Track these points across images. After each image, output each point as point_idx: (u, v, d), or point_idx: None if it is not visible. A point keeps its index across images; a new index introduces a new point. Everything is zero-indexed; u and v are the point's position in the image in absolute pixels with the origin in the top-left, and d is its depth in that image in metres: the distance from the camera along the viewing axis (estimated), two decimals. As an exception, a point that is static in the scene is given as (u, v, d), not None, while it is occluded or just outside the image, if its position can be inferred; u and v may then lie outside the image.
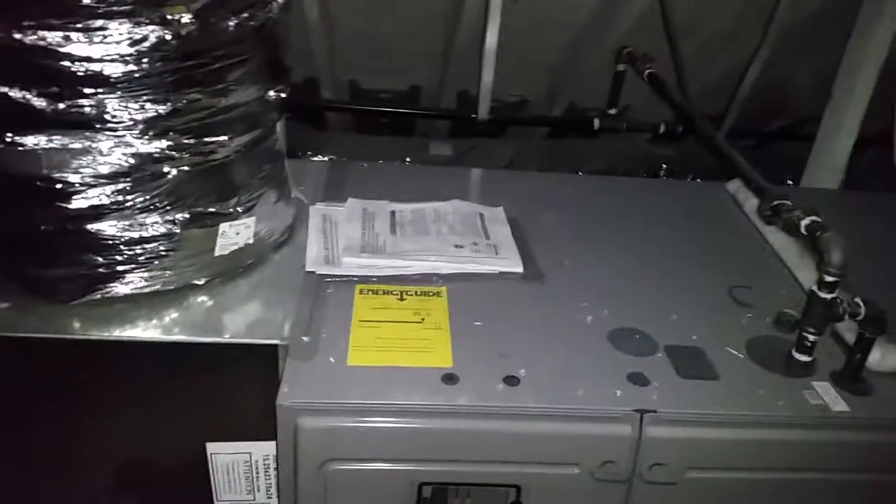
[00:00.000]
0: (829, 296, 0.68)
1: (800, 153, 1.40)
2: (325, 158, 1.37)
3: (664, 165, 1.55)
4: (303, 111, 1.58)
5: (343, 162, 1.09)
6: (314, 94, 1.61)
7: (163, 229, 0.75)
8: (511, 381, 0.70)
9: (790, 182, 1.43)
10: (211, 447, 0.77)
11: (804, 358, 0.71)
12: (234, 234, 0.79)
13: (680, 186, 1.20)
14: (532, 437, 0.67)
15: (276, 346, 0.72)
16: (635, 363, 0.74)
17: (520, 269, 0.87)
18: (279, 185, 0.88)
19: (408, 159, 1.49)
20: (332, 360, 0.71)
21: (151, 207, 0.74)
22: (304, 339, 0.73)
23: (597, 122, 1.37)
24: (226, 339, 0.73)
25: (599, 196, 1.10)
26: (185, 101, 0.73)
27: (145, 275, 0.76)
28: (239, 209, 0.79)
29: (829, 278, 0.67)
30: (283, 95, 0.85)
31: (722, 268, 0.93)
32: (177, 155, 0.74)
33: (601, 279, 0.88)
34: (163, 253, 0.76)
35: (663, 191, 1.15)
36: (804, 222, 0.72)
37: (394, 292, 0.82)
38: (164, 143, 0.73)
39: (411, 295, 0.82)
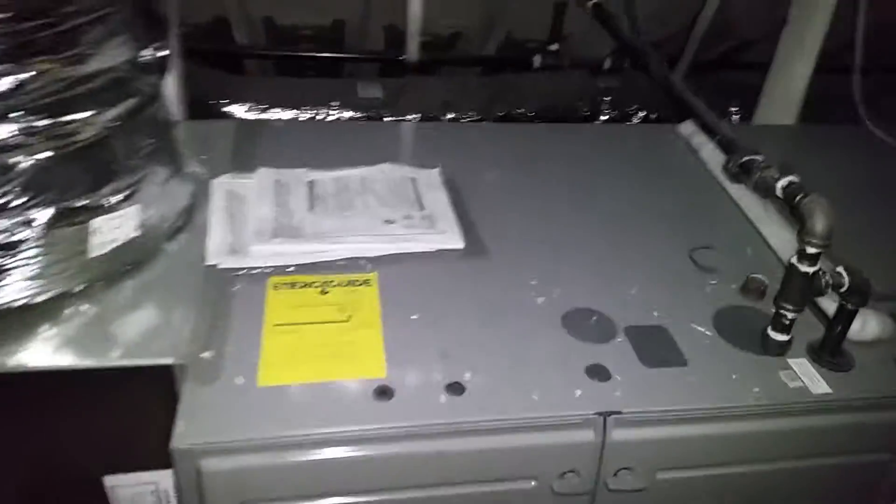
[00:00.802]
0: (810, 269, 0.59)
1: (745, 80, 1.31)
2: (243, 107, 1.22)
3: (607, 99, 1.44)
4: (215, 55, 1.40)
5: (253, 122, 0.95)
6: (225, 36, 1.44)
7: (22, 233, 0.62)
8: (455, 389, 0.60)
9: (734, 112, 1.34)
10: (109, 481, 0.66)
11: (781, 337, 0.63)
12: (111, 230, 0.65)
13: (629, 131, 1.10)
14: (481, 454, 0.58)
15: (169, 367, 0.61)
16: (594, 352, 0.65)
17: (460, 245, 0.76)
18: (169, 160, 0.74)
19: (334, 103, 1.34)
20: (239, 380, 0.59)
21: (4, 207, 0.61)
22: (205, 355, 0.61)
23: (537, 60, 1.25)
24: (107, 362, 0.60)
25: (543, 146, 0.99)
26: (31, 74, 0.58)
27: (7, 288, 0.62)
28: (115, 198, 0.66)
29: (811, 249, 0.58)
30: (162, 54, 0.70)
31: (680, 225, 0.84)
32: (29, 141, 0.60)
33: (550, 248, 0.78)
34: (26, 260, 0.62)
35: (611, 137, 1.05)
36: (780, 184, 0.63)
37: (314, 284, 0.70)
38: (11, 128, 0.59)
39: (335, 286, 0.70)
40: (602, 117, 1.31)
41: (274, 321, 0.65)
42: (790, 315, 0.62)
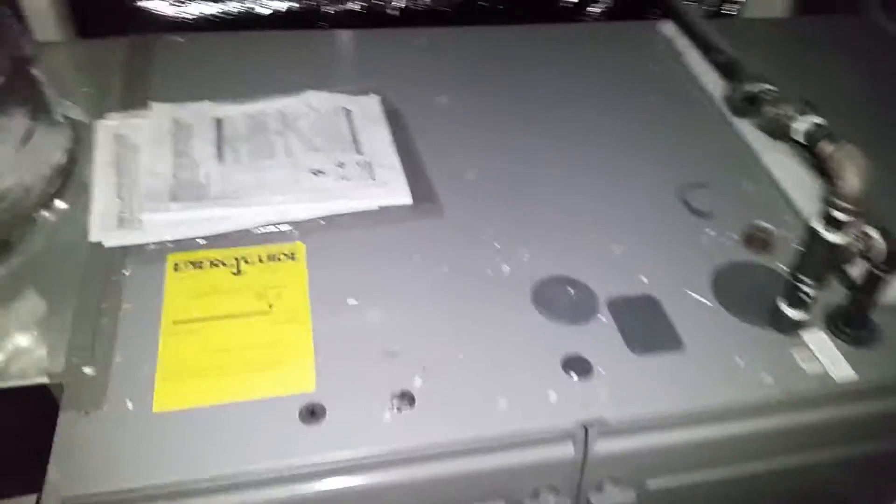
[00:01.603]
0: (838, 239, 0.47)
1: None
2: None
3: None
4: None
5: (147, 39, 0.77)
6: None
7: None
8: (403, 400, 0.48)
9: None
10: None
11: (797, 315, 0.52)
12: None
13: (602, 31, 0.93)
14: (437, 481, 0.47)
15: (44, 386, 0.48)
16: (572, 337, 0.53)
17: (407, 200, 0.62)
18: (26, 106, 0.57)
19: None
20: (129, 405, 0.47)
21: None
22: (87, 370, 0.48)
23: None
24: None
25: (504, 56, 0.83)
26: None
27: None
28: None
29: (840, 215, 0.46)
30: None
31: (667, 156, 0.71)
32: None
33: (516, 197, 0.65)
34: None
35: (582, 39, 0.89)
36: (801, 126, 0.49)
37: (226, 262, 0.56)
38: None
39: (252, 263, 0.56)
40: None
41: (173, 317, 0.52)
42: (809, 291, 0.50)
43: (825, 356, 0.53)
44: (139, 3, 1.01)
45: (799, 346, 0.54)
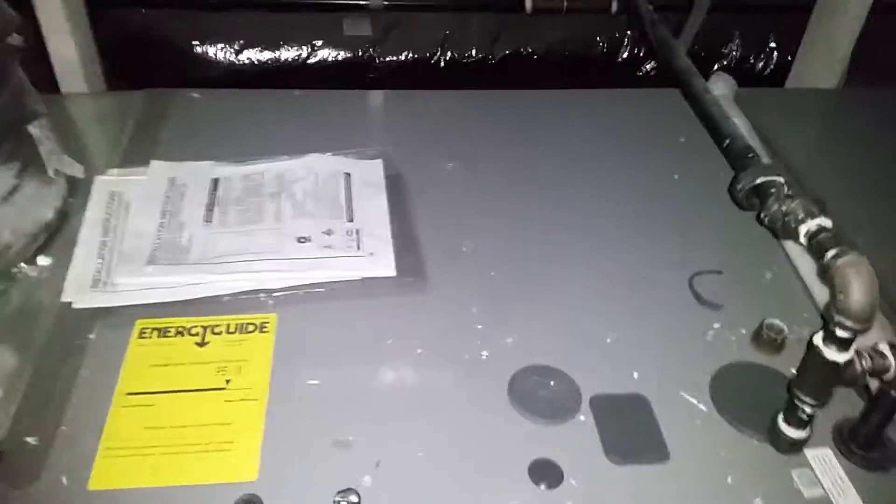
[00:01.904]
0: (840, 357, 0.41)
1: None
2: (216, 48, 1.04)
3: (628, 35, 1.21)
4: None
5: (166, 93, 0.78)
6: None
7: None
8: (345, 499, 0.44)
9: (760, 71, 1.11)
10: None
11: (797, 434, 0.46)
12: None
13: (633, 97, 0.90)
14: None
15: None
16: (546, 437, 0.49)
17: (390, 273, 0.59)
18: (17, 162, 0.58)
19: (318, 42, 1.16)
20: (64, 480, 0.45)
21: None
22: (29, 440, 0.47)
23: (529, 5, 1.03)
24: None
25: (523, 122, 0.81)
26: None
27: None
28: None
29: (842, 333, 0.41)
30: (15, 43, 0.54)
31: (682, 237, 0.66)
32: None
33: (511, 271, 0.61)
34: None
35: (612, 106, 0.85)
36: (806, 229, 0.44)
37: (192, 331, 0.55)
38: None
39: (220, 333, 0.54)
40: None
41: (127, 388, 0.50)
42: (808, 409, 0.44)
43: (829, 480, 0.46)
44: (199, 50, 1.04)
45: (801, 465, 0.48)
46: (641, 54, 1.11)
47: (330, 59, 1.10)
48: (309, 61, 1.11)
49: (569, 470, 0.47)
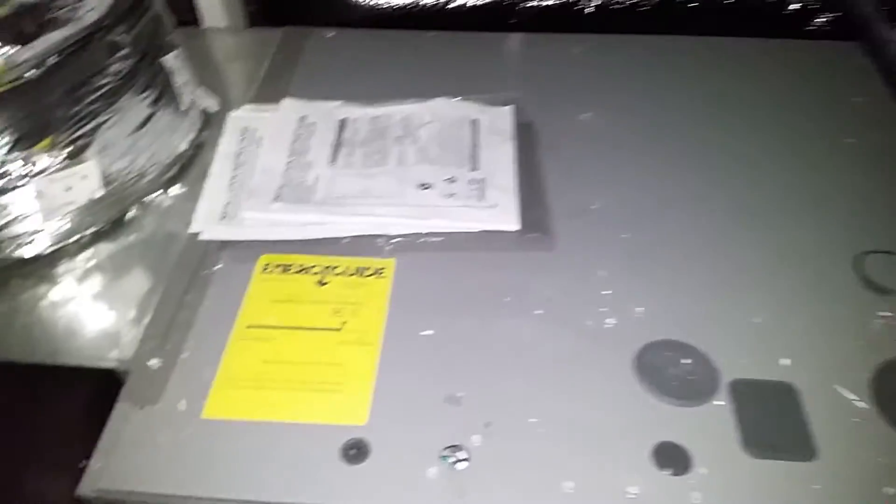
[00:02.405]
0: None
1: None
2: None
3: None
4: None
5: (301, 31, 0.77)
6: None
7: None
8: (454, 457, 0.43)
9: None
10: None
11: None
12: (60, 192, 0.52)
13: (804, 50, 0.79)
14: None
15: (110, 371, 0.48)
16: (674, 419, 0.45)
17: (514, 227, 0.56)
18: (152, 93, 0.59)
19: None
20: (182, 405, 0.46)
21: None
22: (152, 362, 0.48)
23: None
24: (26, 358, 0.49)
25: (672, 71, 0.73)
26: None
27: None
28: (61, 154, 0.52)
29: None
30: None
31: (846, 213, 0.58)
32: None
33: (645, 235, 0.56)
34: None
35: (776, 59, 0.76)
36: None
37: (313, 269, 0.54)
38: None
39: (338, 274, 0.54)
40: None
41: (248, 321, 0.51)
42: None
43: None
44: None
45: (984, 488, 0.40)
46: (813, 6, 0.99)
47: (469, 3, 1.06)
48: (448, 6, 1.07)
49: (699, 458, 0.42)
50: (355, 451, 0.43)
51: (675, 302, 0.51)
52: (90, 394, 0.48)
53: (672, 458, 0.42)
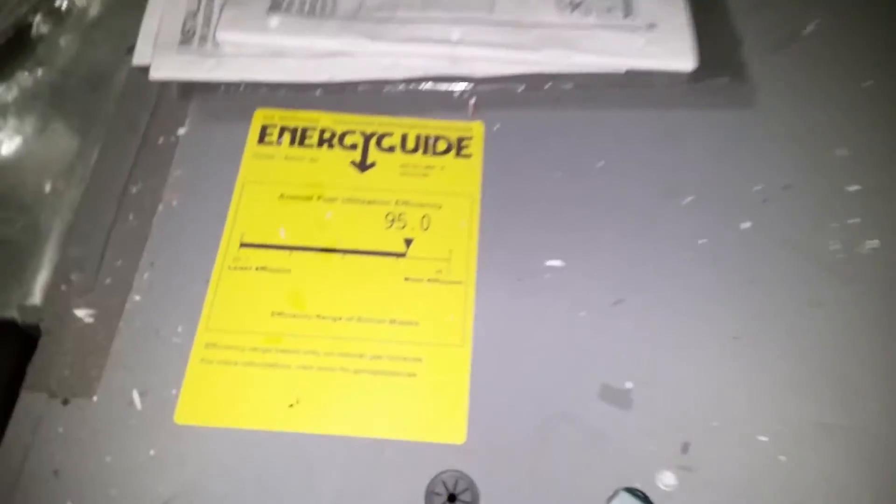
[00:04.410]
0: None
1: None
2: None
3: None
4: None
5: None
6: None
7: None
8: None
9: None
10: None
11: None
12: None
13: None
14: None
15: (10, 324, 0.28)
16: None
17: (686, 65, 0.33)
18: None
19: None
20: (136, 400, 0.26)
21: None
22: (79, 314, 0.27)
23: None
24: None
25: None
26: None
27: None
28: None
29: None
30: None
31: None
32: None
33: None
34: None
35: None
36: None
37: (347, 139, 0.32)
38: None
39: (389, 149, 0.31)
40: None
41: (240, 234, 0.29)
42: None
43: None
44: None
45: None
46: None
47: None
48: None
49: None
50: (446, 496, 0.24)
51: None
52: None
53: None
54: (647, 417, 0.25)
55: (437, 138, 0.32)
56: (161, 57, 0.32)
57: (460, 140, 0.32)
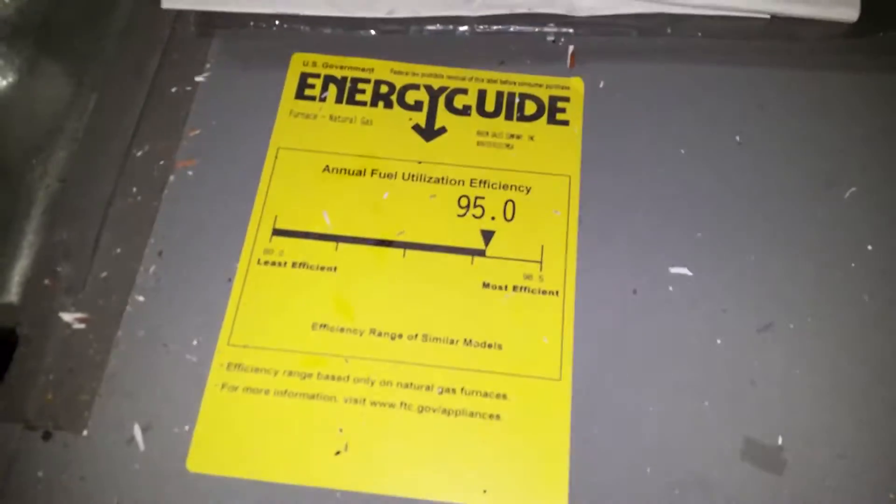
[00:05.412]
0: None
1: None
2: None
3: None
4: None
5: None
6: None
7: None
8: None
9: None
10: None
11: None
12: None
13: None
14: None
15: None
16: None
17: (850, 15, 0.25)
18: None
19: None
20: (136, 434, 0.20)
21: None
22: (67, 318, 0.21)
23: None
24: None
25: None
26: None
27: None
28: None
29: None
30: None
31: None
32: None
33: None
34: None
35: None
36: None
37: (409, 96, 0.25)
38: None
39: (461, 111, 0.25)
40: None
41: (273, 213, 0.23)
42: None
43: None
44: None
45: None
46: None
47: None
48: None
49: None
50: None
51: None
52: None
53: None
54: (806, 485, 0.19)
55: (524, 98, 0.25)
56: (174, -18, 0.25)
57: (554, 101, 0.25)
